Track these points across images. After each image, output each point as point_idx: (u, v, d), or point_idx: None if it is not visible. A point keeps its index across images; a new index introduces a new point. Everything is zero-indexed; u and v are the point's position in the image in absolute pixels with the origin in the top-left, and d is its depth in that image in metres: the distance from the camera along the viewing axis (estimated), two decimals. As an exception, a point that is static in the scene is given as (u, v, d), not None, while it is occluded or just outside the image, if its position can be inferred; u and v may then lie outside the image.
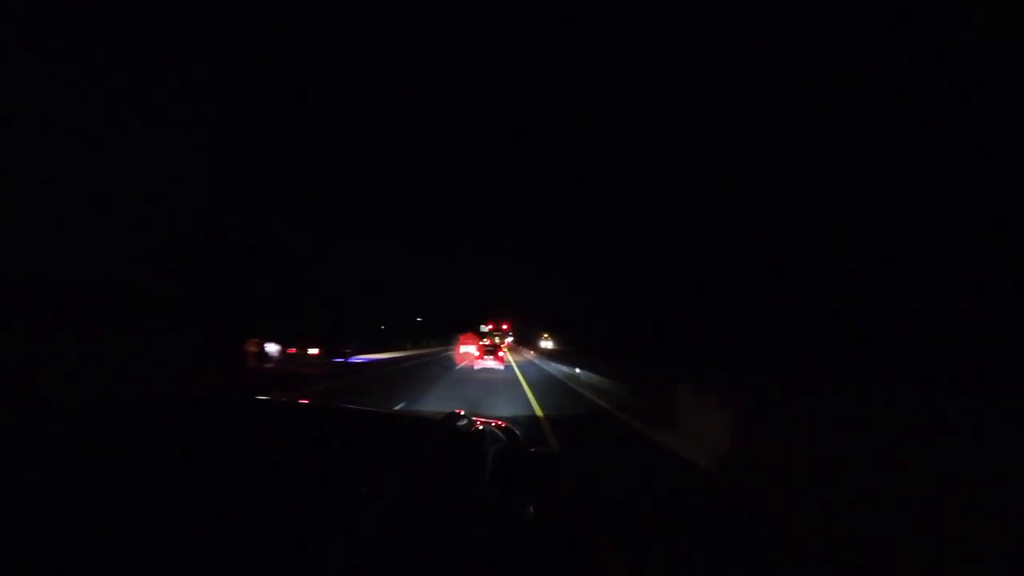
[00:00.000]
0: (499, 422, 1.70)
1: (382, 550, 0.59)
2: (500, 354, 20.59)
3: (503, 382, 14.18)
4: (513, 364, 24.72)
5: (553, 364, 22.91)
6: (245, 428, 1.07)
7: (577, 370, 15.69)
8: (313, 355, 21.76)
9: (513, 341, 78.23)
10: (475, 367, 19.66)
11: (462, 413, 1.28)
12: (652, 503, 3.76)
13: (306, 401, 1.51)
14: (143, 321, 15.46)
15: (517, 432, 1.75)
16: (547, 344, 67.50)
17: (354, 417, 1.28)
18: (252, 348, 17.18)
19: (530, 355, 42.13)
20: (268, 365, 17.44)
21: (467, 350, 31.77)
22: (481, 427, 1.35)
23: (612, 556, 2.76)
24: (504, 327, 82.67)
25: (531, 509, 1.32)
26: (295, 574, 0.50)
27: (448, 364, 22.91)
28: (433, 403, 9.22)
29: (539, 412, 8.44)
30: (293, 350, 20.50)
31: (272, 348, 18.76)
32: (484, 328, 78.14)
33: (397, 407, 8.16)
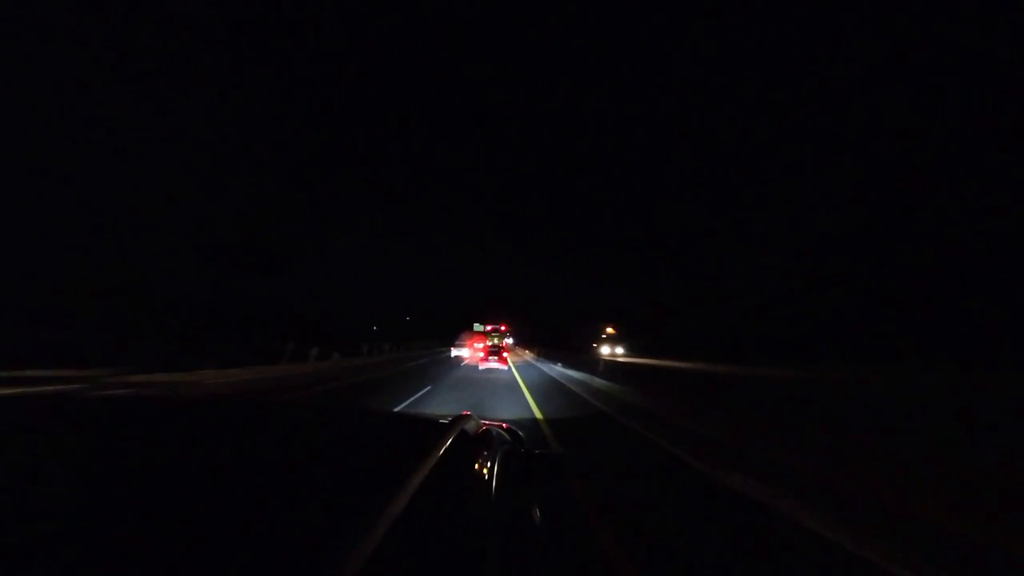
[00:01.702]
0: (503, 424, 1.73)
1: (394, 551, 0.60)
2: (504, 355, 22.07)
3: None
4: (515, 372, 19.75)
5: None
6: (256, 429, 1.08)
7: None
8: None
9: (512, 343, 77.73)
10: (480, 367, 21.00)
11: (469, 415, 1.31)
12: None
13: (317, 402, 1.53)
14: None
15: (521, 434, 1.78)
16: (611, 350, 38.55)
17: (365, 418, 1.30)
18: None
19: (529, 356, 37.10)
20: None
21: (459, 353, 32.06)
22: (487, 429, 1.37)
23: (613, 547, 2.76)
24: (502, 328, 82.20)
25: (536, 510, 1.34)
26: (311, 575, 0.51)
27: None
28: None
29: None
30: None
31: None
32: (479, 327, 76.97)
33: None
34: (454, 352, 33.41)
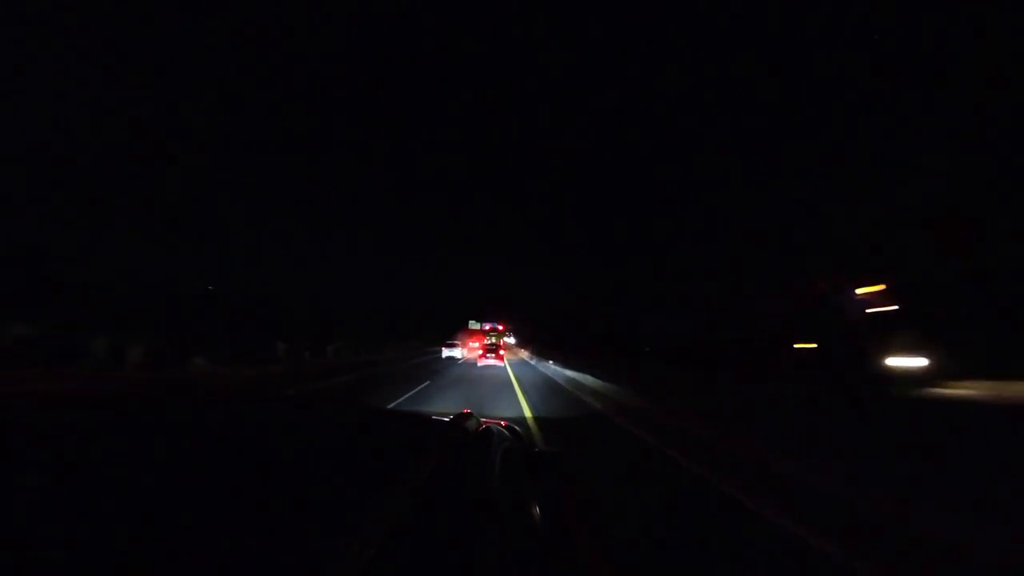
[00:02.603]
0: (503, 422, 1.74)
1: (396, 549, 0.60)
2: (501, 353, 25.34)
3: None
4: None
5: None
6: (255, 427, 1.08)
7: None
8: None
9: (514, 342, 78.10)
10: (479, 364, 23.60)
11: (469, 413, 1.31)
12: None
13: (319, 401, 1.53)
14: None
15: (520, 431, 1.79)
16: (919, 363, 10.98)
17: (367, 416, 1.30)
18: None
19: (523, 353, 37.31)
20: None
21: (451, 353, 32.23)
22: (488, 427, 1.37)
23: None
24: (500, 327, 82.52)
25: (536, 508, 1.34)
26: (316, 573, 0.51)
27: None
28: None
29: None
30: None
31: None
32: (475, 324, 77.46)
33: None
34: (445, 353, 33.03)
